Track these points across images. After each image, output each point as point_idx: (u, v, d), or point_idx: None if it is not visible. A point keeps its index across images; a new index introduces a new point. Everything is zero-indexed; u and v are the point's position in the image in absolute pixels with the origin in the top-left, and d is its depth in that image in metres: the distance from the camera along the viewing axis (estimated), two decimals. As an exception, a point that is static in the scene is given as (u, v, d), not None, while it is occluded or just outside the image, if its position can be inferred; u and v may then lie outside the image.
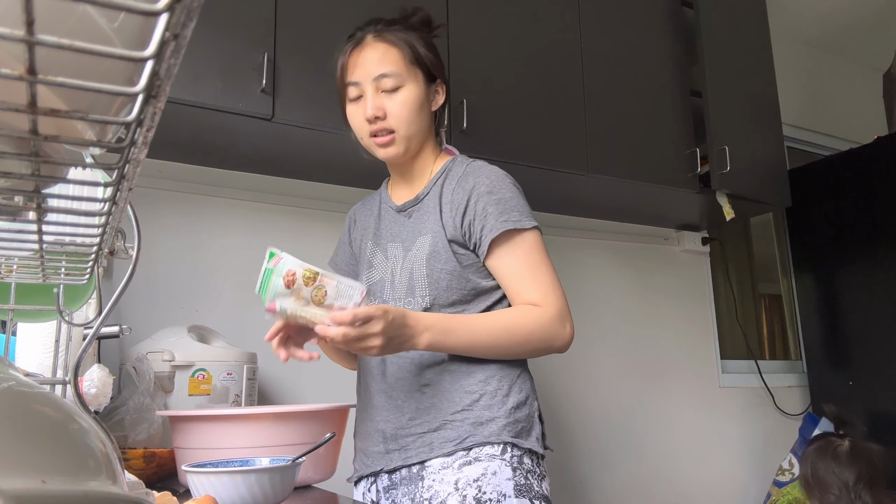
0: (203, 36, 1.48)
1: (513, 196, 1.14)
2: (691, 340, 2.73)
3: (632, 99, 2.18)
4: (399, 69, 1.15)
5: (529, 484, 1.09)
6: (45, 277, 0.64)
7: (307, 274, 0.98)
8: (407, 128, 1.16)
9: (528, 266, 1.12)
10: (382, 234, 1.26)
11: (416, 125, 1.17)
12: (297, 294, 0.98)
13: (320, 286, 0.98)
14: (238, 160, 1.81)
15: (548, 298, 1.11)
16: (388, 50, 1.15)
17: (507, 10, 1.97)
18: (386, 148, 1.18)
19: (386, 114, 1.15)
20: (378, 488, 1.19)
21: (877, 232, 2.67)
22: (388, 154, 1.19)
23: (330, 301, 0.97)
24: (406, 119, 1.16)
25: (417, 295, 1.15)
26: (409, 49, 1.16)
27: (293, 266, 0.98)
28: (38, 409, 0.30)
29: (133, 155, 0.31)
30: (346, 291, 0.98)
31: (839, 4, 3.19)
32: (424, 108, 1.18)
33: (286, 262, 0.99)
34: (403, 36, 1.17)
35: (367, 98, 1.16)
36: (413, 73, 1.16)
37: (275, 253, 1.00)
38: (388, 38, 1.16)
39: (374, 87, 1.15)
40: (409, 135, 1.17)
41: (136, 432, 1.26)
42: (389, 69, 1.14)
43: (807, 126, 3.35)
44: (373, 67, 1.15)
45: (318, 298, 0.97)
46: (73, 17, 0.25)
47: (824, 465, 1.62)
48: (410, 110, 1.16)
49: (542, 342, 1.10)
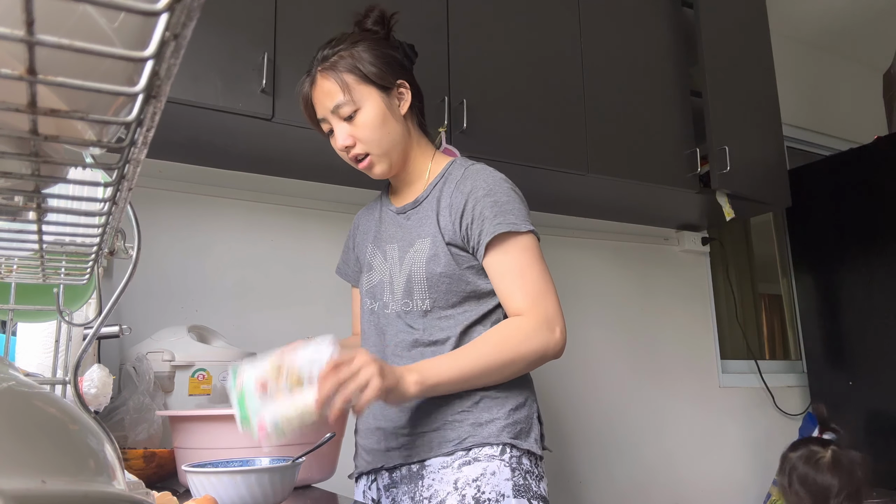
0: (203, 36, 1.48)
1: (510, 200, 1.14)
2: (691, 340, 2.73)
3: (632, 99, 2.18)
4: (348, 96, 1.15)
5: (528, 484, 1.09)
6: (45, 277, 0.64)
7: (272, 372, 0.92)
8: (378, 146, 1.17)
9: (518, 269, 1.12)
10: (382, 236, 1.27)
11: (388, 138, 1.18)
12: (277, 393, 0.92)
13: (290, 369, 0.92)
14: (238, 160, 1.81)
15: (535, 303, 1.10)
16: (332, 83, 1.16)
17: (507, 10, 1.97)
18: (370, 170, 1.20)
19: (354, 140, 1.17)
20: (379, 486, 1.20)
21: (877, 232, 2.67)
22: (375, 174, 1.21)
23: (307, 376, 0.92)
24: (374, 139, 1.16)
25: (416, 297, 1.15)
26: (352, 72, 1.16)
27: (256, 373, 0.93)
28: (39, 409, 0.30)
29: (133, 155, 0.31)
30: (315, 356, 0.93)
31: (839, 4, 3.19)
32: (388, 119, 1.18)
33: (249, 374, 0.93)
34: (347, 60, 1.16)
35: (335, 130, 1.18)
36: (363, 93, 1.16)
37: (235, 369, 0.95)
38: (330, 71, 1.16)
39: (336, 118, 1.17)
40: (383, 151, 1.18)
41: (136, 432, 1.26)
42: (339, 99, 1.15)
43: (807, 126, 3.35)
44: (326, 102, 1.17)
45: (296, 381, 0.92)
46: (73, 17, 0.25)
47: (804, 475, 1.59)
48: (373, 129, 1.16)
49: (534, 354, 1.09)
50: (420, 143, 1.26)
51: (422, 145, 1.26)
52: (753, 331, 3.12)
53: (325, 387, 0.90)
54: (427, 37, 1.75)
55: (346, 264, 1.41)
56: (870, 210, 2.70)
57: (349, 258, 1.39)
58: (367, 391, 0.92)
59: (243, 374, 0.93)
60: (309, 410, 0.91)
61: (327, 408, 0.91)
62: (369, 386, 0.92)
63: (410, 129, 1.23)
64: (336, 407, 0.91)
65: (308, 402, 0.91)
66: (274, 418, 0.90)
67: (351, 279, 1.40)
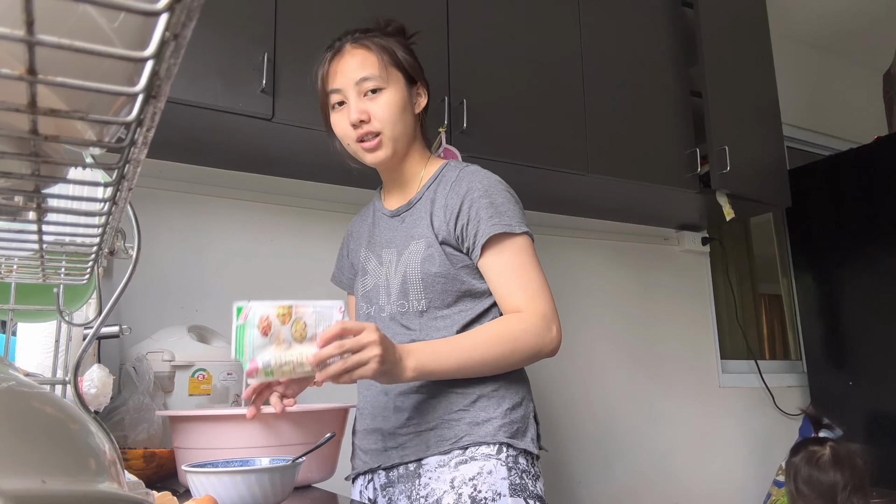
0: (203, 36, 1.48)
1: (505, 201, 1.15)
2: (691, 340, 2.73)
3: (632, 99, 2.18)
4: (379, 72, 1.15)
5: (524, 483, 1.10)
6: (45, 277, 0.64)
7: (280, 311, 0.92)
8: (392, 129, 1.16)
9: (515, 268, 1.12)
10: (376, 240, 1.27)
11: (401, 126, 1.18)
12: (277, 338, 0.91)
13: (298, 319, 0.92)
14: (238, 160, 1.81)
15: (532, 302, 1.10)
16: (367, 55, 1.16)
17: (507, 10, 1.97)
18: (374, 152, 1.18)
19: (370, 116, 1.15)
20: (375, 486, 1.20)
21: (877, 232, 2.67)
22: (376, 158, 1.18)
23: (311, 332, 0.92)
24: (390, 120, 1.16)
25: (412, 298, 1.16)
26: (388, 53, 1.17)
27: (264, 310, 0.92)
28: (39, 409, 0.30)
29: (133, 155, 0.31)
30: (325, 313, 0.93)
31: (839, 4, 3.19)
32: (407, 109, 1.19)
33: (256, 310, 0.92)
34: (381, 41, 1.18)
35: (350, 103, 1.16)
36: (393, 75, 1.17)
37: (241, 306, 0.93)
38: (365, 43, 1.17)
39: (357, 92, 1.16)
40: (394, 136, 1.17)
41: (136, 432, 1.26)
42: (370, 72, 1.15)
43: (807, 126, 3.35)
44: (353, 73, 1.16)
45: (300, 334, 0.92)
46: (73, 17, 0.25)
47: (808, 476, 1.60)
48: (394, 111, 1.16)
49: (530, 349, 1.09)
50: (420, 147, 1.26)
51: (420, 149, 1.27)
52: (753, 331, 3.12)
53: (327, 348, 0.91)
54: (427, 37, 1.74)
55: (340, 272, 1.41)
56: (870, 210, 2.70)
57: (343, 265, 1.39)
58: (364, 369, 0.93)
59: (250, 309, 0.93)
60: (304, 364, 0.91)
61: (321, 367, 0.92)
62: (367, 366, 0.93)
63: (416, 130, 1.24)
64: (330, 372, 0.92)
65: (306, 355, 0.91)
66: (268, 360, 0.91)
67: (346, 286, 1.40)
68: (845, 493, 1.54)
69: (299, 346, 0.92)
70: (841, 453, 1.59)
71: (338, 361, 0.92)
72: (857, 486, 1.55)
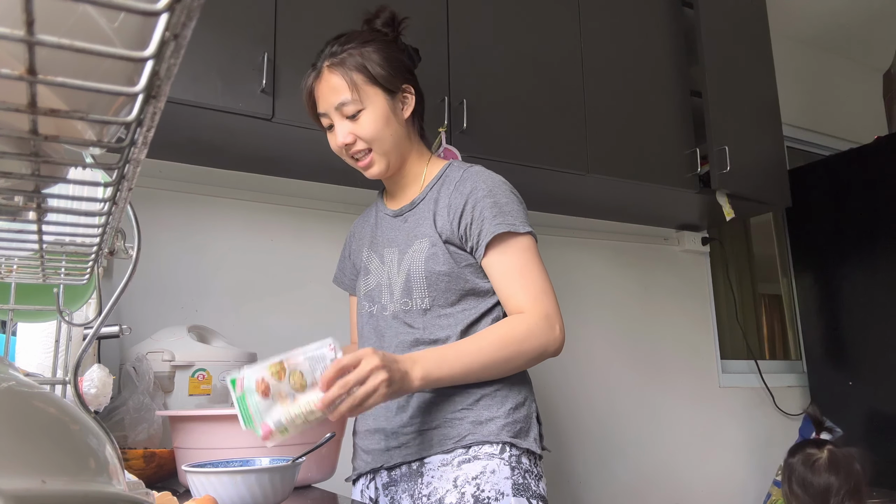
0: (203, 36, 1.48)
1: (509, 201, 1.15)
2: (691, 340, 2.73)
3: (632, 99, 2.18)
4: (354, 95, 1.15)
5: (527, 483, 1.10)
6: (45, 277, 0.64)
7: (273, 369, 0.91)
8: (380, 144, 1.17)
9: (518, 268, 1.13)
10: (378, 240, 1.27)
11: (390, 139, 1.18)
12: (280, 396, 0.91)
13: (293, 370, 0.91)
14: (238, 160, 1.81)
15: (536, 301, 1.11)
16: (339, 81, 1.16)
17: (507, 10, 1.97)
18: (369, 169, 1.20)
19: (356, 138, 1.17)
20: (377, 485, 1.20)
21: (877, 232, 2.67)
22: (372, 173, 1.21)
23: (310, 379, 0.92)
24: (376, 137, 1.17)
25: (416, 296, 1.16)
26: (361, 71, 1.16)
27: (257, 374, 0.92)
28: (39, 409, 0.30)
29: (133, 155, 0.31)
30: (317, 355, 0.92)
31: (839, 4, 3.19)
32: (391, 121, 1.18)
33: (250, 377, 0.92)
34: (356, 58, 1.16)
35: (336, 127, 1.18)
36: (369, 93, 1.16)
37: (234, 378, 0.93)
38: (339, 67, 1.16)
39: (339, 116, 1.17)
40: (384, 150, 1.18)
41: (136, 432, 1.26)
42: (344, 97, 1.15)
43: (807, 126, 3.35)
44: (331, 98, 1.17)
45: (299, 384, 0.91)
46: (73, 17, 0.25)
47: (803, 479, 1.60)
48: (377, 128, 1.16)
49: (534, 351, 1.09)
50: (418, 148, 1.26)
51: (419, 149, 1.27)
52: (753, 331, 3.12)
53: (332, 390, 0.91)
54: (427, 37, 1.75)
55: (342, 273, 1.41)
56: (870, 210, 2.70)
57: (345, 267, 1.39)
58: (375, 397, 0.93)
59: (243, 378, 0.92)
60: (314, 411, 0.91)
61: (332, 409, 0.91)
62: (377, 392, 0.93)
63: (411, 133, 1.24)
64: (342, 411, 0.92)
65: (314, 402, 0.91)
66: (279, 419, 0.90)
67: (348, 288, 1.40)
68: (839, 498, 1.53)
69: (303, 395, 0.92)
70: (838, 457, 1.59)
71: (346, 399, 0.92)
72: (852, 491, 1.54)
